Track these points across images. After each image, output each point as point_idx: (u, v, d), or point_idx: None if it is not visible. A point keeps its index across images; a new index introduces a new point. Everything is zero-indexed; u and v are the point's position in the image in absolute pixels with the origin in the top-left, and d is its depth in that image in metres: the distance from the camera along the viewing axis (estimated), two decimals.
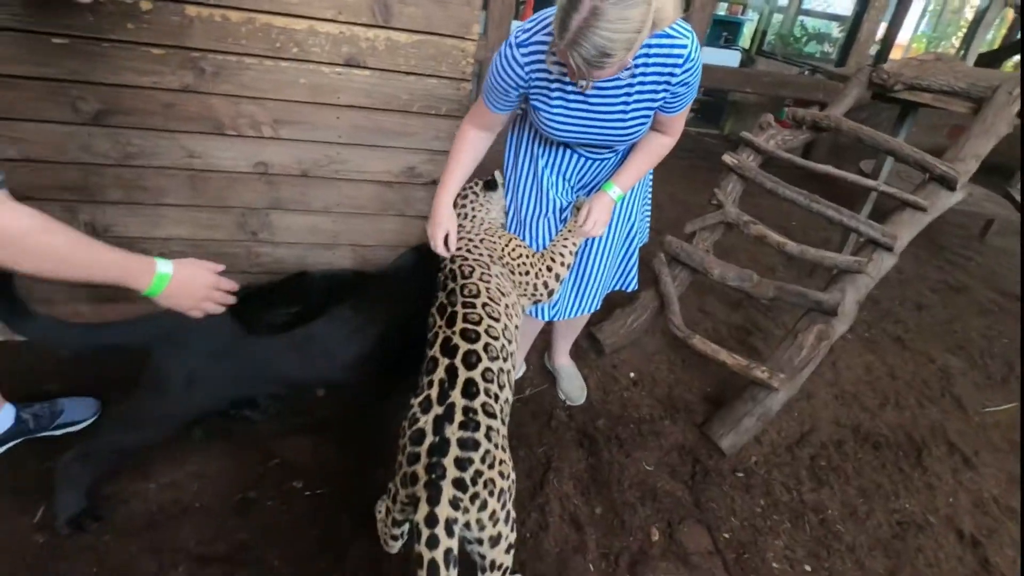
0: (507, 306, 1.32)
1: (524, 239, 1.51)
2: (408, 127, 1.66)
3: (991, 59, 4.58)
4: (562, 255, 1.46)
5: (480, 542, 1.06)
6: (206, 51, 1.45)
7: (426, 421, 1.07)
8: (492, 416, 1.11)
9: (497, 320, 1.26)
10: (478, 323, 1.22)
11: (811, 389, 2.16)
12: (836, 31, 7.01)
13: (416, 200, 1.80)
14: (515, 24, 4.02)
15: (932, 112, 2.63)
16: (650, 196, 1.68)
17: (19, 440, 1.48)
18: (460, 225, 1.46)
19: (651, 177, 1.63)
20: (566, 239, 1.47)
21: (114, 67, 1.43)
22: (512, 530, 1.10)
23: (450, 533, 0.97)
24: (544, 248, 1.50)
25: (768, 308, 2.69)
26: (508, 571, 1.13)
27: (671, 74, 1.21)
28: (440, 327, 1.23)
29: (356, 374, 1.46)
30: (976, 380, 2.38)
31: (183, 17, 1.42)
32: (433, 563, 0.95)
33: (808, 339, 1.83)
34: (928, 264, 3.53)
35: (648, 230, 1.73)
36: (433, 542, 0.96)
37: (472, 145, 1.41)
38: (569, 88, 1.25)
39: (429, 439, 1.05)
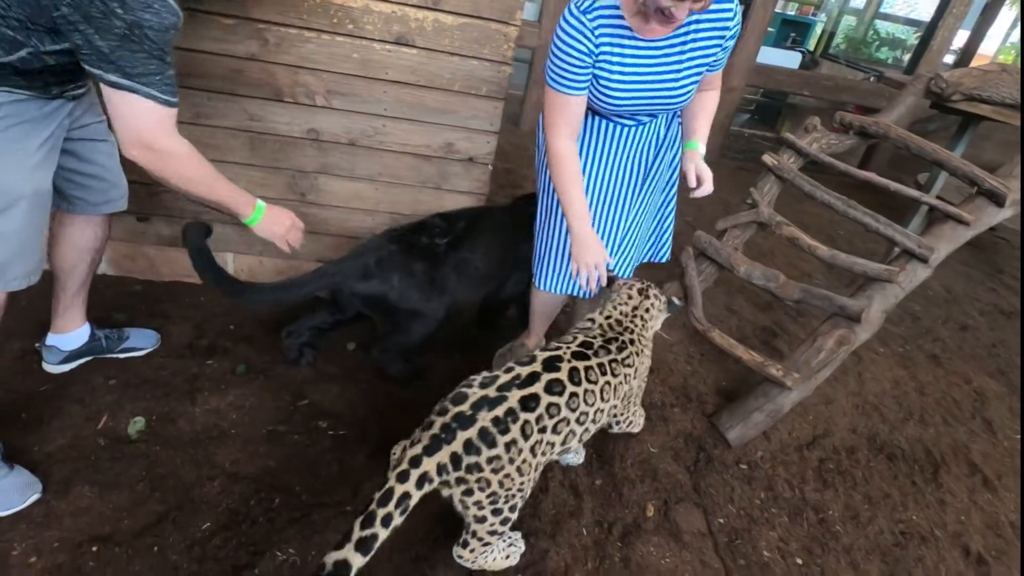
0: (602, 404, 1.29)
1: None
2: (449, 105, 1.76)
3: None
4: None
5: (466, 508, 1.14)
6: (271, 23, 1.59)
7: (474, 393, 1.14)
8: (526, 438, 1.13)
9: (595, 398, 1.25)
10: (585, 382, 1.23)
11: (831, 395, 2.14)
12: (913, 37, 6.69)
13: (452, 175, 1.90)
14: None
15: (1009, 128, 2.52)
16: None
17: (90, 357, 1.68)
18: (639, 318, 1.44)
19: (677, 164, 1.66)
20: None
21: (190, 34, 1.59)
22: (504, 521, 1.18)
23: (419, 485, 1.05)
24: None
25: (798, 313, 2.67)
26: (485, 543, 1.23)
27: (721, 36, 1.31)
28: (568, 345, 1.29)
29: (489, 289, 1.86)
30: (1013, 406, 2.30)
31: None
32: (390, 491, 1.03)
33: (828, 343, 1.83)
34: (981, 285, 3.39)
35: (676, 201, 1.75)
36: (403, 477, 1.05)
37: (576, 163, 1.38)
38: (628, 52, 1.29)
39: (462, 408, 1.11)
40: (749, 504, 1.64)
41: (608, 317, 1.43)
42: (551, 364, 1.21)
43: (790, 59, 4.62)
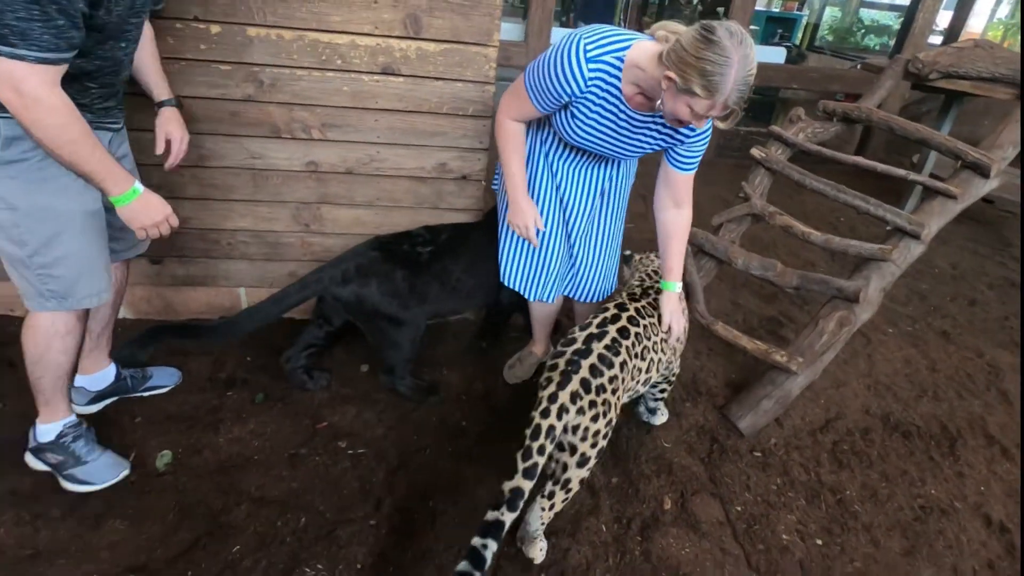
0: (651, 366, 1.51)
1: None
2: (439, 127, 1.83)
3: None
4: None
5: (573, 449, 1.28)
6: (264, 65, 1.68)
7: (581, 334, 1.37)
8: (630, 359, 1.39)
9: (658, 329, 1.52)
10: (648, 316, 1.50)
11: (842, 378, 2.16)
12: (897, 22, 6.74)
13: (447, 193, 1.97)
14: (563, 31, 4.15)
15: (1005, 104, 2.52)
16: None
17: (116, 398, 1.74)
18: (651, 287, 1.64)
19: (633, 174, 1.74)
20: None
21: (190, 81, 1.68)
22: (596, 464, 1.34)
23: (559, 416, 1.23)
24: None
25: (803, 302, 2.68)
26: (565, 501, 1.35)
27: (690, 134, 1.40)
28: (622, 296, 1.56)
29: (480, 300, 1.92)
30: None
31: (245, 37, 1.65)
32: (538, 426, 1.22)
33: (829, 325, 1.85)
34: (989, 260, 3.38)
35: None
36: (546, 413, 1.23)
37: (520, 137, 1.51)
38: (608, 109, 1.35)
39: (577, 346, 1.33)
40: (765, 490, 1.65)
41: (640, 276, 1.69)
42: (622, 307, 1.47)
43: (775, 55, 4.68)
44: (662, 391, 1.76)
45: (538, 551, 1.39)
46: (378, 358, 1.86)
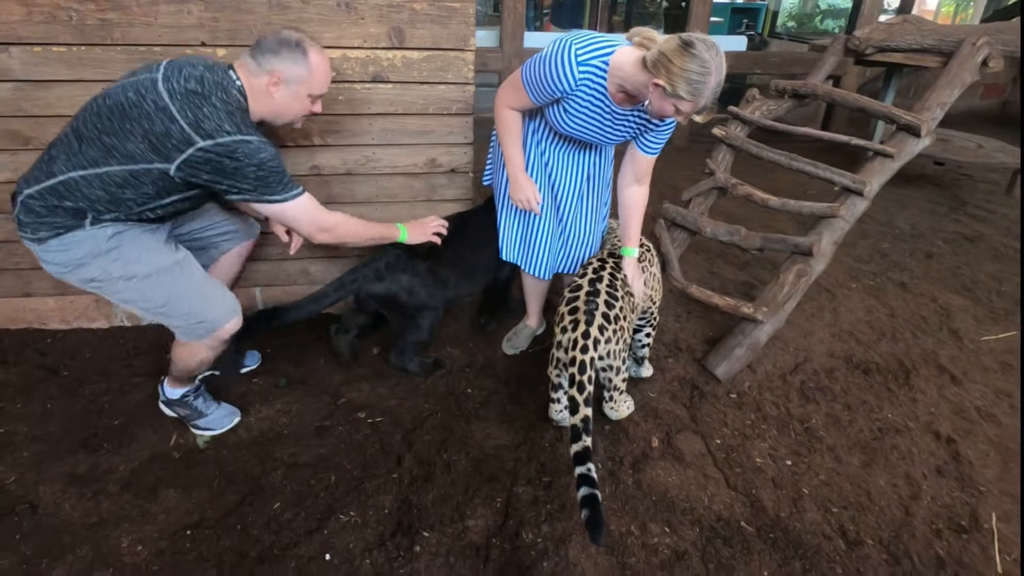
0: (634, 306, 1.78)
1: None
2: (427, 127, 2.04)
3: (1007, 14, 4.58)
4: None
5: (610, 368, 1.64)
6: None
7: (583, 278, 1.66)
8: (627, 294, 1.69)
9: (630, 297, 1.75)
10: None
11: (809, 329, 2.37)
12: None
13: (439, 186, 2.17)
14: (537, 35, 4.36)
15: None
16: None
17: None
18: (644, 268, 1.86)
19: (612, 159, 1.95)
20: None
21: None
22: (627, 370, 1.73)
23: (595, 347, 1.51)
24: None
25: (774, 266, 2.90)
26: (622, 393, 1.76)
27: (660, 124, 1.63)
28: (605, 252, 1.83)
29: (486, 278, 2.12)
30: (977, 315, 2.52)
31: None
32: (582, 363, 1.49)
33: (788, 277, 2.07)
34: (946, 218, 3.62)
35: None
36: (584, 349, 1.50)
37: (518, 123, 1.72)
38: (595, 106, 1.57)
39: (584, 289, 1.62)
40: (741, 425, 1.86)
41: (614, 241, 1.93)
42: (606, 260, 1.75)
43: (737, 43, 4.93)
44: (647, 335, 1.97)
45: (627, 408, 1.83)
46: (393, 341, 2.05)
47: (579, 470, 1.36)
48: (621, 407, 1.80)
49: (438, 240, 1.88)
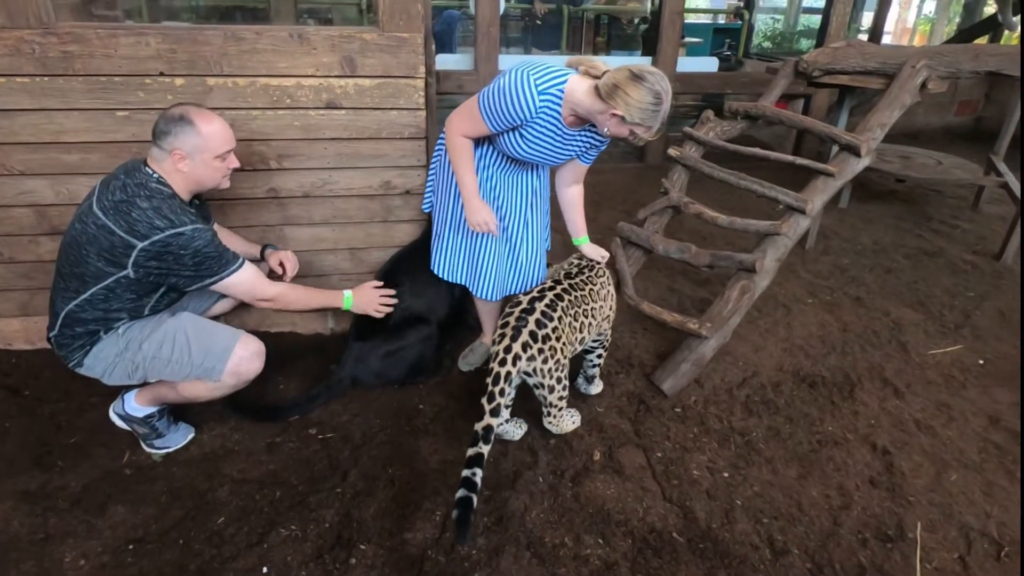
0: (592, 304, 1.84)
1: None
2: (380, 150, 2.11)
3: (968, 35, 4.71)
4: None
5: (541, 386, 1.69)
6: (224, 109, 1.94)
7: (524, 298, 1.71)
8: (566, 316, 1.71)
9: (589, 300, 1.82)
10: (578, 289, 1.80)
11: (761, 344, 2.42)
12: None
13: (394, 208, 2.24)
14: (512, 60, 4.48)
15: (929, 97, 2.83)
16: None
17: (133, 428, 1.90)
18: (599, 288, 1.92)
19: (548, 186, 2.05)
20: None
21: None
22: (563, 389, 1.73)
23: (514, 362, 1.58)
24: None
25: None
26: (561, 409, 1.78)
27: (600, 141, 1.77)
28: (557, 273, 1.87)
29: (441, 310, 2.19)
30: (928, 329, 2.57)
31: (205, 86, 1.93)
32: (497, 374, 1.57)
33: (733, 293, 2.13)
34: (909, 233, 3.68)
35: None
36: (503, 362, 1.58)
37: (470, 150, 1.78)
38: (548, 131, 1.68)
39: (522, 306, 1.67)
40: (683, 438, 1.90)
41: (563, 268, 1.94)
42: (557, 282, 1.80)
43: (708, 64, 5.05)
44: (599, 356, 2.01)
45: (570, 423, 1.87)
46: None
47: (465, 472, 1.45)
48: (563, 422, 1.84)
49: (380, 315, 1.97)
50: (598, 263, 1.97)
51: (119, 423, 1.85)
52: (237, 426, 1.93)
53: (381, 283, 2.01)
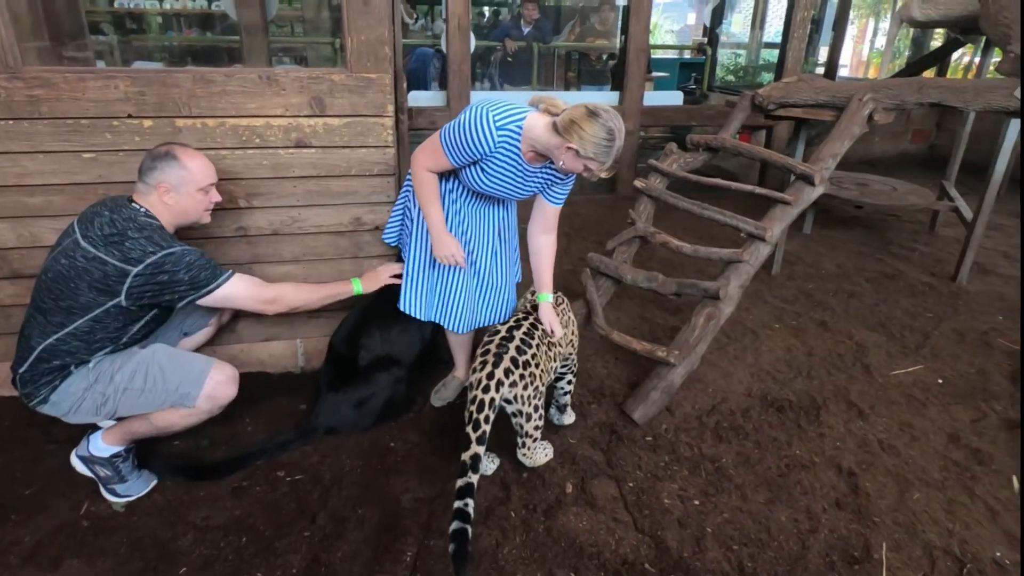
0: (563, 332, 1.89)
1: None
2: (350, 187, 2.14)
3: (916, 68, 4.96)
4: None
5: (519, 413, 1.70)
6: (196, 150, 1.96)
7: (502, 327, 1.76)
8: (541, 344, 1.77)
9: (556, 348, 1.87)
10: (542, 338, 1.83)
11: (730, 370, 2.46)
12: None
13: (364, 244, 2.25)
14: (483, 95, 4.61)
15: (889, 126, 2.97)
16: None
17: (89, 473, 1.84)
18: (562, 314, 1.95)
19: (516, 219, 2.09)
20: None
21: (128, 169, 1.94)
22: (539, 418, 1.75)
23: (497, 388, 1.60)
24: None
25: None
26: (536, 440, 1.79)
27: (562, 178, 1.82)
28: (525, 306, 1.92)
29: (412, 351, 2.18)
30: (890, 350, 2.64)
31: (175, 128, 1.94)
32: (481, 401, 1.58)
33: (699, 321, 2.17)
34: (871, 258, 3.81)
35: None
36: (486, 389, 1.60)
37: (435, 185, 1.81)
38: (509, 165, 1.72)
39: (501, 335, 1.72)
40: (654, 467, 1.91)
41: (532, 296, 1.96)
42: (527, 312, 1.86)
43: (674, 97, 5.24)
44: (568, 382, 2.03)
45: (543, 456, 1.88)
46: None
47: (457, 504, 1.45)
48: (537, 454, 1.84)
49: (398, 281, 2.02)
50: (558, 306, 1.97)
51: (80, 468, 1.80)
52: None
53: (388, 266, 2.07)
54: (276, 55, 5.78)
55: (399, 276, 2.02)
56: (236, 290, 1.68)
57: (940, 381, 2.40)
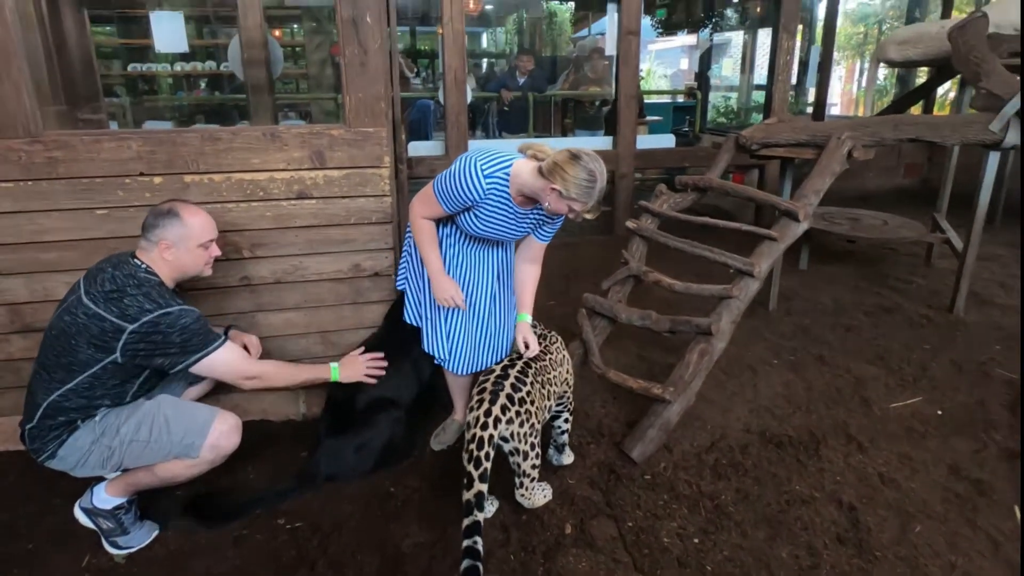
0: (555, 372, 1.93)
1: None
2: (349, 235, 2.22)
3: (900, 105, 5.12)
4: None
5: (516, 451, 1.71)
6: (200, 203, 2.03)
7: (497, 367, 1.81)
8: (536, 382, 1.80)
9: (550, 368, 1.90)
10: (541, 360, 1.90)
11: (729, 406, 2.47)
12: None
13: (364, 290, 2.32)
14: (481, 144, 4.77)
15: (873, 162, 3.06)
16: None
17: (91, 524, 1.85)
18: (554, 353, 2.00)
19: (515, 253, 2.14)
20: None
21: (139, 224, 2.02)
22: (536, 456, 1.76)
23: (495, 425, 1.63)
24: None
25: None
26: (534, 480, 1.79)
27: (551, 219, 1.90)
28: (520, 354, 1.92)
29: (410, 393, 2.21)
30: (888, 383, 2.65)
31: (183, 184, 2.05)
32: (481, 439, 1.61)
33: (693, 357, 2.20)
34: (867, 292, 3.84)
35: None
36: (484, 426, 1.62)
37: (432, 231, 1.91)
38: (500, 209, 1.81)
39: (496, 374, 1.77)
40: (653, 506, 1.91)
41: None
42: (519, 355, 1.89)
43: (666, 140, 5.41)
44: (566, 421, 2.04)
45: (542, 497, 1.87)
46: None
47: (466, 543, 1.46)
48: (535, 495, 1.84)
49: (373, 381, 2.06)
50: (545, 332, 2.03)
51: (84, 520, 1.81)
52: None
53: (363, 348, 2.09)
54: (283, 111, 6.03)
55: (377, 362, 2.08)
56: (222, 360, 1.72)
57: (939, 412, 2.40)
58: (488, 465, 1.61)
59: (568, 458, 2.11)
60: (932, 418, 2.36)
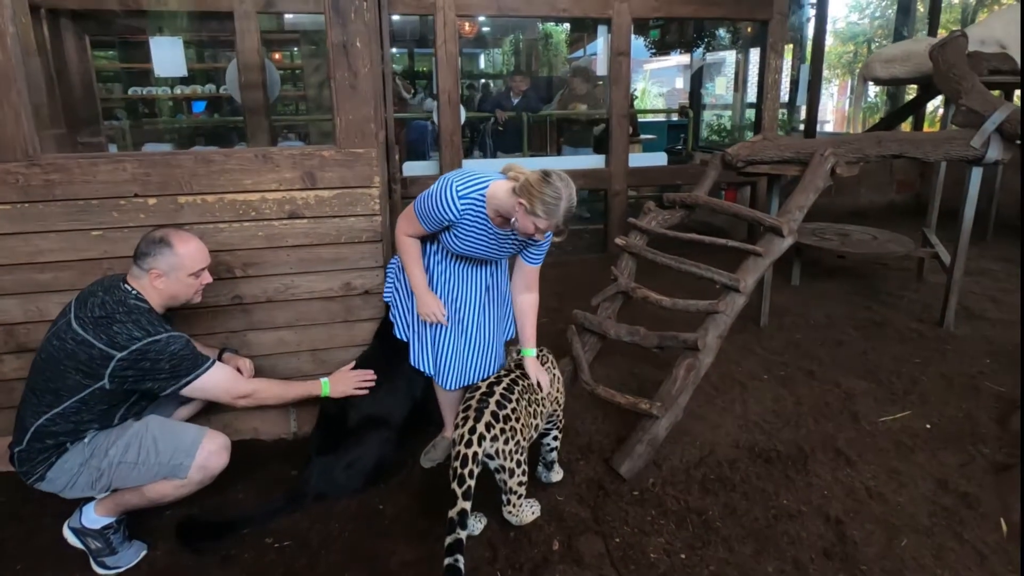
0: (546, 391, 1.97)
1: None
2: (340, 254, 2.26)
3: (890, 121, 5.21)
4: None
5: (502, 469, 1.72)
6: (193, 223, 2.09)
7: (483, 383, 1.83)
8: (522, 399, 1.82)
9: (537, 406, 1.91)
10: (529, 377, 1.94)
11: (718, 422, 2.48)
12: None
13: (355, 307, 2.34)
14: (476, 164, 4.84)
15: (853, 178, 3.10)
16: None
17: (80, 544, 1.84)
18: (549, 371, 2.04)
19: (507, 271, 2.17)
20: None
21: (132, 245, 2.06)
22: (523, 473, 1.77)
23: (479, 442, 1.64)
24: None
25: None
26: (520, 497, 1.80)
27: (535, 241, 1.91)
28: (510, 364, 2.00)
29: (400, 411, 2.20)
30: (877, 397, 2.66)
31: (176, 204, 2.09)
32: (465, 456, 1.62)
33: (680, 372, 2.22)
34: (858, 307, 3.86)
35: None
36: (469, 444, 1.63)
37: (417, 248, 1.97)
38: (478, 229, 1.85)
39: (481, 391, 1.78)
40: (641, 522, 1.91)
41: (516, 355, 2.05)
42: (510, 371, 1.92)
43: (659, 159, 5.48)
44: (555, 438, 2.06)
45: (530, 514, 1.88)
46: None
47: (447, 560, 1.47)
48: (523, 512, 1.84)
49: (363, 392, 2.08)
50: (542, 358, 2.05)
51: (72, 540, 1.81)
52: None
53: (354, 365, 2.12)
54: (283, 133, 6.12)
55: (367, 380, 2.11)
56: (213, 381, 1.75)
57: (928, 426, 2.41)
58: (472, 483, 1.62)
59: (557, 475, 2.11)
60: (921, 432, 2.37)
